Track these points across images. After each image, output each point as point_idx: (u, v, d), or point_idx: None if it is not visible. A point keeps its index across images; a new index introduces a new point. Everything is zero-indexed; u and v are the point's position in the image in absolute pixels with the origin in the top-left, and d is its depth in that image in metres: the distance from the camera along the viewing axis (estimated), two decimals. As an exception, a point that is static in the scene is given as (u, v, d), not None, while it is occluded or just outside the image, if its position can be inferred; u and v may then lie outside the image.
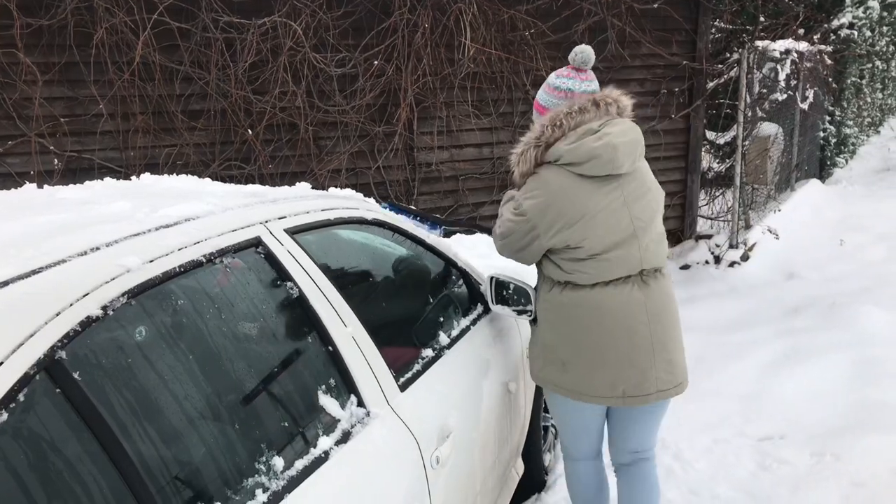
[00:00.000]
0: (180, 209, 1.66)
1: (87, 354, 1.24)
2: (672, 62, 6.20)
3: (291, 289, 1.75)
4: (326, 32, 4.92)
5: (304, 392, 1.68)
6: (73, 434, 1.17)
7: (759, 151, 7.33)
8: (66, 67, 4.46)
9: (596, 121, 2.30)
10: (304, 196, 2.12)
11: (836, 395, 3.84)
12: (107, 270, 1.34)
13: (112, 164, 4.64)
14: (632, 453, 2.56)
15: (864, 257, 6.60)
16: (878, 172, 11.25)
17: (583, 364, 2.33)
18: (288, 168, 5.07)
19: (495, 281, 2.63)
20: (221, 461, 1.40)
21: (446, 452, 1.97)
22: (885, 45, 11.80)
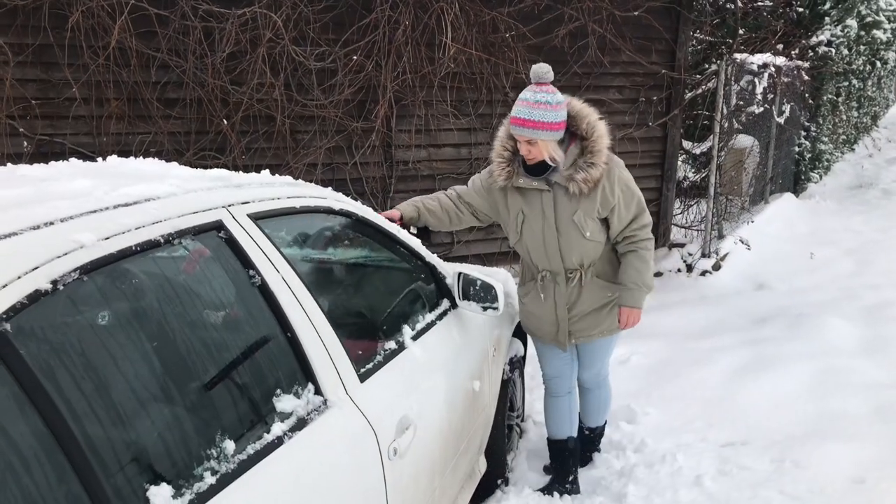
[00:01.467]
0: (141, 189, 1.63)
1: (33, 328, 1.22)
2: (651, 70, 6.25)
3: (252, 275, 1.73)
4: (307, 25, 4.90)
5: (260, 377, 1.67)
6: (16, 408, 1.15)
7: (735, 163, 7.42)
8: (40, 49, 4.39)
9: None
10: (270, 183, 2.11)
11: (798, 403, 3.89)
12: (59, 245, 1.31)
13: (84, 150, 4.57)
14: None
15: (833, 271, 6.71)
16: (850, 189, 11.43)
17: None
18: (263, 160, 5.04)
19: (463, 277, 2.64)
20: (170, 443, 1.38)
21: (405, 444, 1.96)
22: (861, 63, 11.98)
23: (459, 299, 2.65)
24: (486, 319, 2.90)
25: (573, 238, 2.84)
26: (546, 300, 3.00)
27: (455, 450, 2.44)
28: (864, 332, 4.90)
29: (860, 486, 3.09)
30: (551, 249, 2.90)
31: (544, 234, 2.88)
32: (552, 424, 3.27)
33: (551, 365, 3.20)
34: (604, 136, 2.78)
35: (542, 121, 2.68)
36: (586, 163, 2.74)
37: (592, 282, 2.96)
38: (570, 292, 2.96)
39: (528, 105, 2.70)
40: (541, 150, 2.74)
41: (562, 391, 3.22)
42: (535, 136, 2.70)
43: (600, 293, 2.98)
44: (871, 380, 4.13)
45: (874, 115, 17.21)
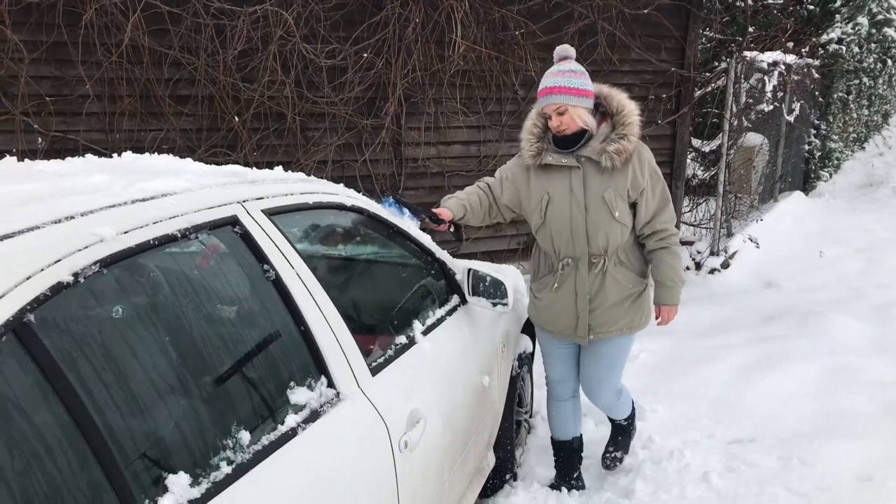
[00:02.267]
0: (157, 184, 1.66)
1: (56, 319, 1.25)
2: (660, 68, 6.25)
3: (266, 269, 1.76)
4: (317, 23, 4.92)
5: (275, 370, 1.69)
6: (40, 397, 1.18)
7: (744, 161, 7.41)
8: (54, 47, 4.43)
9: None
10: (284, 179, 2.14)
11: (806, 401, 3.89)
12: (80, 239, 1.35)
13: (97, 146, 4.61)
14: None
15: (842, 269, 6.69)
16: (860, 188, 11.39)
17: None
18: (274, 157, 5.07)
19: (472, 273, 2.66)
20: (188, 433, 1.41)
21: (415, 438, 1.99)
22: (872, 61, 11.92)
23: (469, 295, 2.67)
24: (495, 315, 2.92)
25: (602, 217, 2.77)
26: (566, 290, 2.90)
27: (464, 444, 2.47)
28: (873, 331, 4.90)
29: (868, 483, 3.10)
30: (577, 230, 2.80)
31: (571, 213, 2.80)
32: (556, 427, 3.24)
33: (556, 369, 3.15)
34: (634, 112, 2.77)
35: (571, 86, 2.69)
36: (618, 135, 2.74)
37: (616, 270, 2.87)
38: (593, 281, 2.86)
39: (556, 75, 2.73)
40: (572, 117, 2.72)
41: (565, 395, 3.18)
42: (567, 102, 2.69)
43: (623, 284, 2.88)
44: (879, 378, 4.14)
45: (885, 113, 17.09)
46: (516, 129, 5.80)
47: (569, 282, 2.90)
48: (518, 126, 5.82)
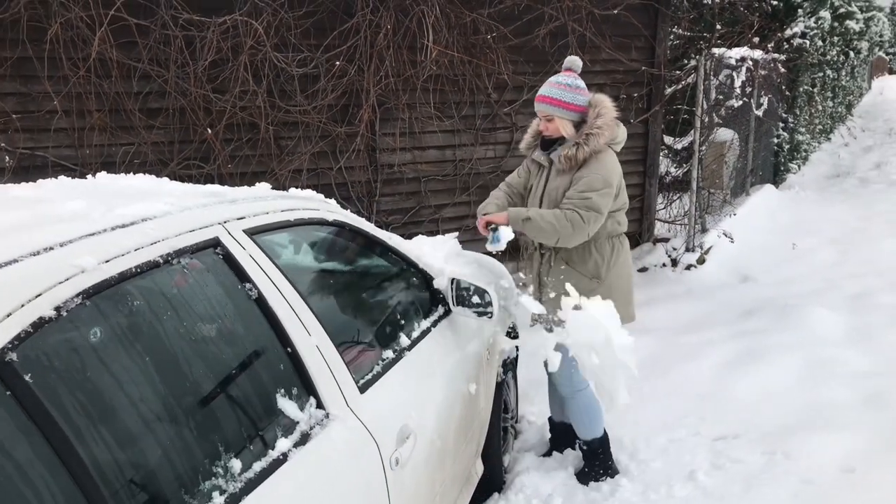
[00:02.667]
0: (137, 209, 1.64)
1: (38, 356, 1.22)
2: (631, 68, 6.29)
3: (250, 290, 1.74)
4: (288, 32, 4.88)
5: (263, 394, 1.67)
6: (25, 437, 1.15)
7: (716, 156, 7.48)
8: (19, 62, 4.34)
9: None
10: (264, 196, 2.11)
11: (788, 394, 3.94)
12: (61, 271, 1.32)
13: (67, 163, 4.53)
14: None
15: (816, 261, 6.80)
16: (829, 178, 11.58)
17: (631, 293, 3.23)
18: (248, 168, 5.02)
19: (456, 283, 2.65)
20: (178, 464, 1.38)
21: (406, 454, 1.98)
22: (835, 54, 12.14)
23: (453, 305, 2.66)
24: (480, 323, 2.91)
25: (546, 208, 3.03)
26: (533, 273, 3.23)
27: (454, 455, 2.46)
28: (848, 322, 4.98)
29: (850, 475, 3.14)
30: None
31: (531, 205, 3.15)
32: (550, 405, 3.48)
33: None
34: (605, 126, 2.96)
35: (561, 100, 2.98)
36: (575, 143, 2.97)
37: (559, 265, 3.09)
38: (543, 268, 3.16)
39: (552, 85, 3.03)
40: (557, 126, 3.02)
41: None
42: (552, 113, 3.00)
43: (565, 277, 3.03)
44: (857, 369, 4.20)
45: (849, 104, 17.46)
46: (491, 133, 5.86)
47: (531, 265, 3.24)
48: (492, 129, 5.85)
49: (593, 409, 3.24)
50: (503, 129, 5.90)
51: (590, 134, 2.94)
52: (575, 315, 2.63)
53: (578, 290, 2.99)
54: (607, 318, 2.61)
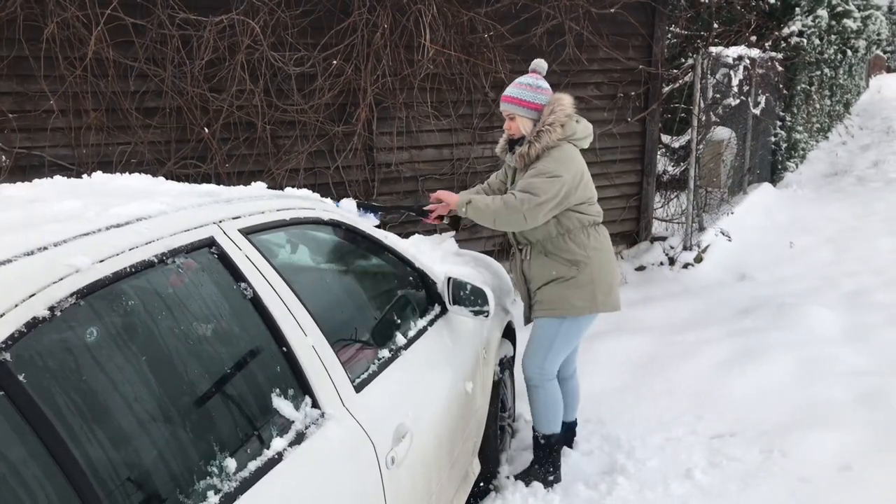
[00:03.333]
0: (132, 208, 1.63)
1: (32, 356, 1.21)
2: (628, 66, 6.30)
3: (245, 289, 1.74)
4: (285, 31, 4.88)
5: (258, 393, 1.67)
6: (18, 438, 1.15)
7: (713, 155, 7.49)
8: (15, 62, 4.33)
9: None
10: (260, 196, 2.11)
11: (784, 392, 3.95)
12: (55, 270, 1.31)
13: (64, 162, 4.53)
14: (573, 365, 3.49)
15: (812, 259, 6.81)
16: (826, 177, 11.59)
17: (614, 282, 3.23)
18: (245, 167, 5.02)
19: (452, 282, 2.65)
20: (172, 464, 1.38)
21: (402, 453, 1.98)
22: (833, 52, 12.13)
23: (450, 304, 2.66)
24: (476, 322, 2.92)
25: None
26: (516, 272, 3.30)
27: (450, 454, 2.46)
28: (845, 320, 4.99)
29: (847, 472, 3.15)
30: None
31: None
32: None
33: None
34: (557, 123, 3.01)
35: (521, 98, 3.06)
36: (527, 141, 3.06)
37: (539, 258, 3.17)
38: (525, 265, 3.22)
39: (515, 85, 3.12)
40: (518, 125, 3.10)
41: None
42: (512, 111, 3.09)
43: (546, 270, 3.14)
44: (853, 367, 4.21)
45: (846, 102, 17.46)
46: (488, 132, 5.85)
47: (516, 264, 3.29)
48: (490, 128, 5.85)
49: (556, 404, 3.30)
50: (500, 128, 5.88)
51: (540, 131, 3.01)
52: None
53: (560, 277, 3.12)
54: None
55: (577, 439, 3.60)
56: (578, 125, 3.09)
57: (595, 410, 3.88)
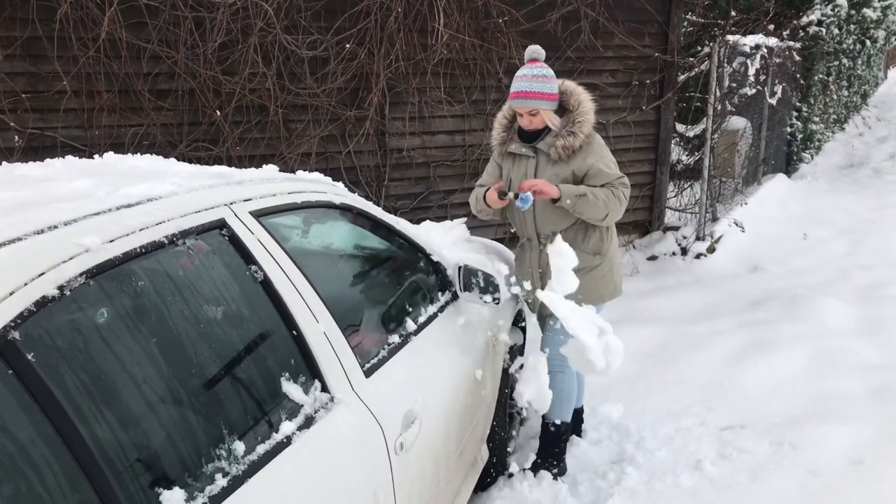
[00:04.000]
0: (143, 189, 1.62)
1: (41, 335, 1.21)
2: (644, 54, 6.23)
3: (256, 272, 1.73)
4: (298, 14, 4.85)
5: (268, 377, 1.66)
6: (27, 416, 1.14)
7: (728, 145, 7.41)
8: (29, 42, 4.33)
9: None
10: (271, 179, 2.09)
11: (796, 385, 3.92)
12: (65, 250, 1.31)
13: (76, 143, 4.53)
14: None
15: (827, 251, 6.74)
16: (842, 169, 11.47)
17: (621, 270, 3.30)
18: (257, 150, 5.01)
19: (464, 268, 2.64)
20: (180, 446, 1.38)
21: (411, 438, 1.97)
22: (851, 43, 11.97)
23: (461, 291, 2.65)
24: (486, 309, 2.90)
25: (547, 203, 3.01)
26: (525, 265, 3.22)
27: (459, 440, 2.45)
28: (858, 313, 4.94)
29: (858, 466, 3.12)
30: (527, 213, 3.08)
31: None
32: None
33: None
34: (589, 112, 3.02)
35: (542, 92, 2.97)
36: (568, 132, 2.99)
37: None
38: (544, 258, 3.11)
39: (528, 79, 2.99)
40: (543, 119, 3.01)
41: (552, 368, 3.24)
42: (538, 107, 2.97)
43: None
44: (866, 361, 4.17)
45: (864, 93, 17.25)
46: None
47: (526, 258, 3.21)
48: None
49: (572, 393, 3.28)
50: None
51: (581, 122, 2.99)
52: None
53: (584, 267, 3.04)
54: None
55: (585, 427, 3.59)
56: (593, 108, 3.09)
57: (605, 400, 3.86)
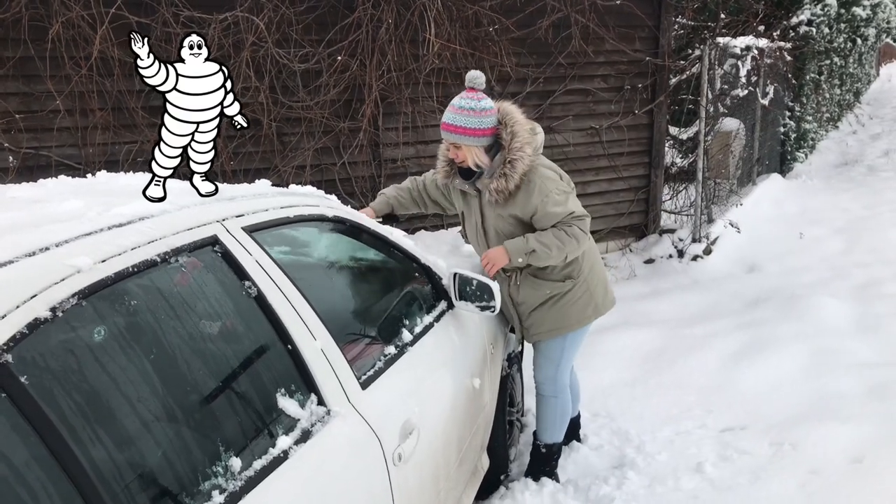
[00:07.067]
0: (134, 208, 1.63)
1: (34, 358, 1.21)
2: (635, 58, 6.25)
3: (250, 288, 1.73)
4: (289, 27, 4.87)
5: (263, 392, 1.67)
6: (21, 440, 1.15)
7: (721, 146, 7.44)
8: (21, 62, 4.34)
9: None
10: (263, 194, 2.10)
11: (795, 385, 3.92)
12: (56, 271, 1.31)
13: (71, 162, 4.54)
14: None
15: (823, 250, 6.76)
16: (836, 167, 11.50)
17: (607, 279, 3.17)
18: (251, 165, 5.01)
19: (459, 277, 2.64)
20: (176, 464, 1.38)
21: (409, 449, 1.97)
22: (842, 41, 12.03)
23: (456, 300, 2.65)
24: (483, 317, 2.90)
25: (498, 242, 2.90)
26: (503, 295, 2.99)
27: (458, 450, 2.45)
28: (855, 311, 4.95)
29: (858, 465, 3.13)
30: (483, 249, 2.98)
31: (477, 234, 3.02)
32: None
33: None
34: (525, 145, 2.75)
35: (465, 126, 2.73)
36: (501, 173, 2.76)
37: (528, 281, 2.99)
38: (513, 290, 3.03)
39: (454, 111, 2.77)
40: (465, 154, 2.78)
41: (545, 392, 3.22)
42: (459, 141, 2.76)
43: (538, 291, 2.99)
44: (864, 359, 4.18)
45: (856, 91, 17.33)
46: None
47: (502, 287, 2.92)
48: (496, 122, 5.80)
49: (565, 415, 3.24)
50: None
51: (513, 160, 2.73)
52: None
53: (554, 294, 2.97)
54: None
55: (586, 433, 3.58)
56: (537, 137, 2.86)
57: (604, 404, 3.86)
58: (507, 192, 2.78)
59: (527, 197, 2.80)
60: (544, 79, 5.84)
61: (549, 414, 3.20)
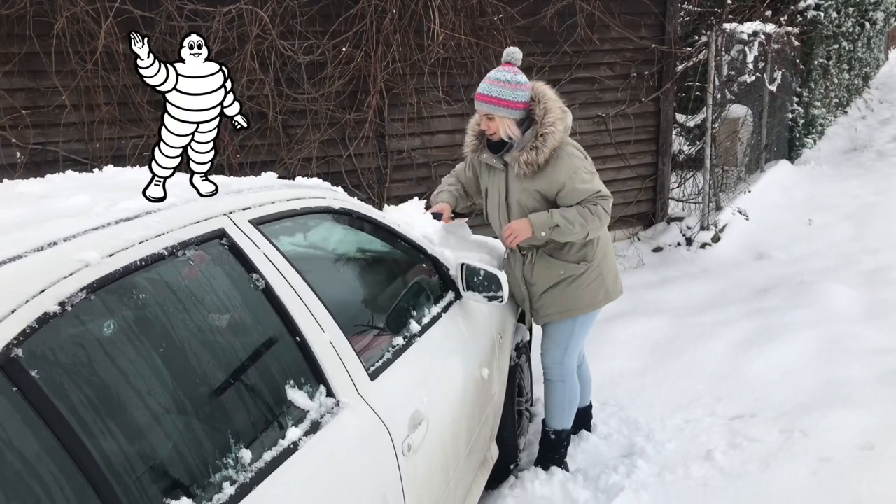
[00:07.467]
0: (141, 202, 1.63)
1: (44, 352, 1.22)
2: (641, 45, 6.22)
3: (257, 280, 1.73)
4: (293, 19, 4.86)
5: (273, 384, 1.67)
6: (33, 434, 1.15)
7: (729, 133, 7.40)
8: (27, 58, 4.36)
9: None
10: (270, 186, 2.10)
11: (804, 372, 3.91)
12: (65, 265, 1.32)
13: (78, 156, 4.56)
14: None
15: (832, 236, 6.72)
16: (845, 152, 11.42)
17: (616, 266, 3.20)
18: (258, 157, 5.02)
19: (466, 268, 2.64)
20: (188, 456, 1.39)
21: (418, 440, 1.97)
22: (851, 25, 11.93)
23: (464, 290, 2.65)
24: (490, 307, 2.90)
25: (520, 216, 2.94)
26: (513, 276, 3.09)
27: (467, 440, 2.45)
28: (865, 298, 4.93)
29: (869, 452, 3.12)
30: (504, 225, 3.00)
31: (499, 210, 3.05)
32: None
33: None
34: (557, 121, 2.83)
35: (499, 97, 2.80)
36: (531, 146, 2.83)
37: (544, 260, 3.02)
38: (527, 269, 3.06)
39: (490, 82, 2.84)
40: (498, 126, 2.86)
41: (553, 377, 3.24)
42: (493, 112, 2.83)
43: (552, 271, 3.01)
44: (874, 345, 4.16)
45: (865, 76, 17.17)
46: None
47: (514, 267, 3.11)
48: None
49: (573, 401, 3.24)
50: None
51: (545, 134, 2.80)
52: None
53: (568, 276, 3.01)
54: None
55: (595, 422, 3.59)
56: (567, 116, 2.92)
57: (613, 393, 3.86)
58: (537, 166, 2.83)
59: (555, 172, 2.86)
60: (550, 67, 5.82)
61: (557, 399, 3.22)
